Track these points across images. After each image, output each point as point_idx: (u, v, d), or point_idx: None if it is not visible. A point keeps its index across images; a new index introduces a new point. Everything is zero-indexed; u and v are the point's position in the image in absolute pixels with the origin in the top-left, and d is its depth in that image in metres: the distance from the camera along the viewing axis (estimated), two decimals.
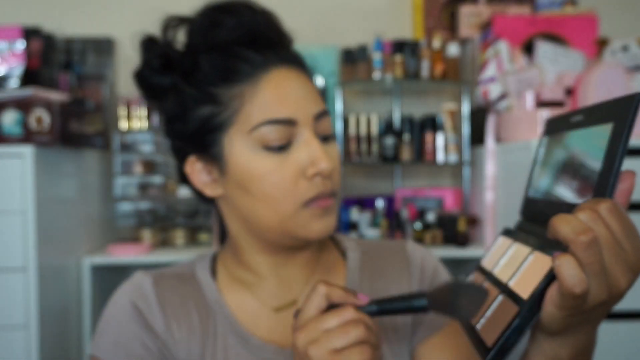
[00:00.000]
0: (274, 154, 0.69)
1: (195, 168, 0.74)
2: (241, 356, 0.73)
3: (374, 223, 2.09)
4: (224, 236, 0.84)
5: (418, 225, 2.04)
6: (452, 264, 2.29)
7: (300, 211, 0.70)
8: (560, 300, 0.46)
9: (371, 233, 1.99)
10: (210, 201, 0.78)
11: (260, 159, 0.69)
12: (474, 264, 0.64)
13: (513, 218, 1.78)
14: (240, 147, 0.70)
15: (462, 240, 2.00)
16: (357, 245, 0.85)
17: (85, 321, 1.88)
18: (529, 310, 0.47)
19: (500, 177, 1.90)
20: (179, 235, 2.10)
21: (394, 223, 2.05)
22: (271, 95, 0.69)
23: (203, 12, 0.72)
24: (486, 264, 0.61)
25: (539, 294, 0.47)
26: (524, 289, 0.49)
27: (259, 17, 0.72)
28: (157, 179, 2.17)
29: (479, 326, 0.52)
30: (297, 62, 0.74)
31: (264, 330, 0.75)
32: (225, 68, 0.71)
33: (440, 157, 2.11)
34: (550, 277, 0.46)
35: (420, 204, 2.18)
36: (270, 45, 0.73)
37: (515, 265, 0.53)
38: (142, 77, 0.74)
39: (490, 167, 1.92)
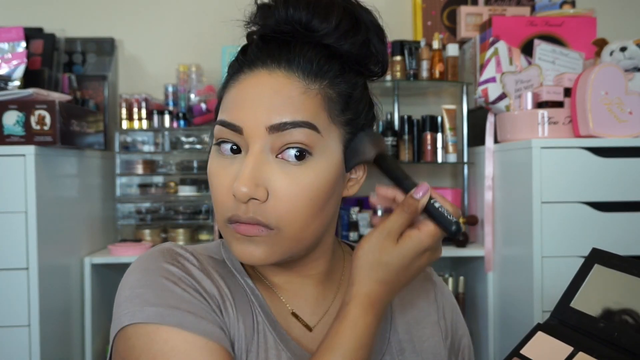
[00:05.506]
0: (225, 156, 0.63)
1: None
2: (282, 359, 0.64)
3: (373, 223, 2.09)
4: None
5: None
6: (452, 264, 2.30)
7: (226, 226, 0.63)
8: None
9: None
10: None
11: (214, 157, 0.64)
12: (512, 351, 0.63)
13: (512, 218, 1.79)
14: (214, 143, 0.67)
15: (461, 240, 2.01)
16: None
17: (86, 320, 1.89)
18: None
19: (500, 177, 1.91)
20: (180, 235, 2.11)
21: None
22: (232, 97, 0.64)
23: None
24: (529, 354, 0.60)
25: None
26: None
27: (295, 8, 0.63)
28: (157, 179, 2.18)
29: None
30: (292, 64, 0.63)
31: (296, 332, 0.67)
32: (235, 61, 0.67)
33: (439, 157, 2.12)
34: None
35: None
36: (287, 39, 0.64)
37: None
38: None
39: (489, 167, 1.93)
